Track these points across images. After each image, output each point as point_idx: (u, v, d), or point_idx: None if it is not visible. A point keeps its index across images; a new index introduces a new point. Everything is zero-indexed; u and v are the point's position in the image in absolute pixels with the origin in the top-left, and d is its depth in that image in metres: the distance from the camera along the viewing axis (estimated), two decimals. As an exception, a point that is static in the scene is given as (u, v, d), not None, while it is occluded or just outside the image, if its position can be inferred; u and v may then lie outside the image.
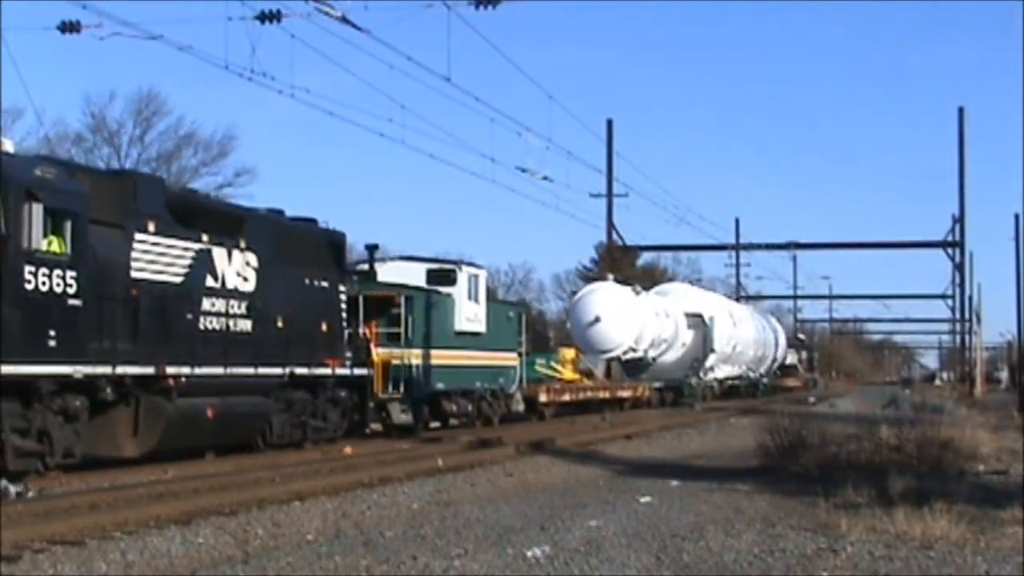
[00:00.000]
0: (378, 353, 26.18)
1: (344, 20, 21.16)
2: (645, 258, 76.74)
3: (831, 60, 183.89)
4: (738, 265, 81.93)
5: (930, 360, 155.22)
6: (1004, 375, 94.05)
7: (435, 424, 29.61)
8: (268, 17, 21.65)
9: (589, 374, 43.97)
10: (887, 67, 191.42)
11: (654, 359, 47.11)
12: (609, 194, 58.85)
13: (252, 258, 20.60)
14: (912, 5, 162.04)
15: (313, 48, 29.13)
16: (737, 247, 73.34)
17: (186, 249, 18.95)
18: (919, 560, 10.81)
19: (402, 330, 26.95)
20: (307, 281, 22.54)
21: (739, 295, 79.81)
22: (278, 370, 21.17)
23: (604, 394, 41.64)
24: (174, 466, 18.36)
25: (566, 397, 37.87)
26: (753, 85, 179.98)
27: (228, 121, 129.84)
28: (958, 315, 69.40)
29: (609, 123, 59.21)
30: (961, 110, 62.65)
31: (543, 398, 35.46)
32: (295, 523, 12.99)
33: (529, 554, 10.94)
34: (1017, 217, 58.77)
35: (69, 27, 22.07)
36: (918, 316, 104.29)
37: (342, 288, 23.98)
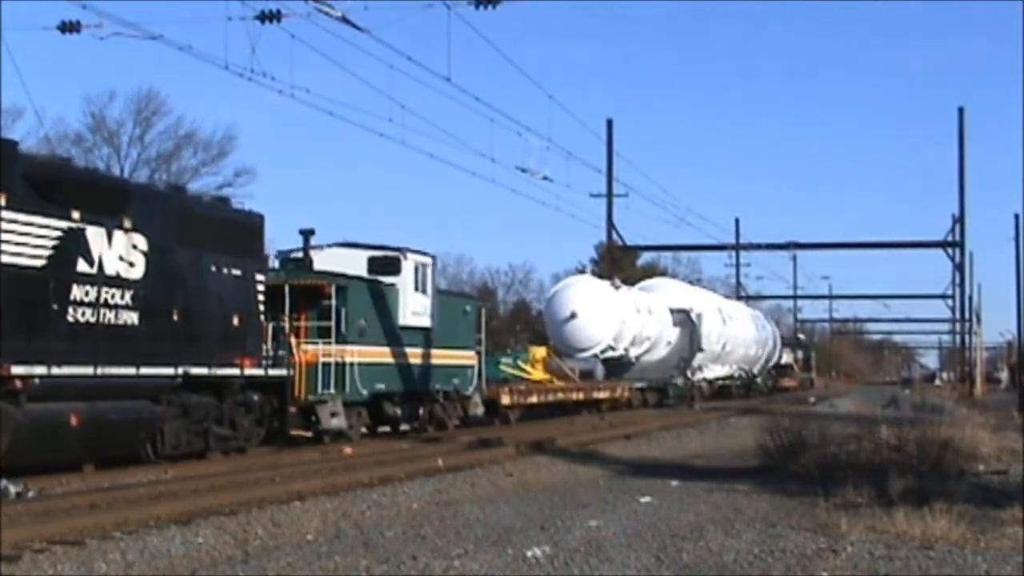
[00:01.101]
0: (304, 350, 23.57)
1: (344, 20, 21.14)
2: (645, 258, 77.03)
3: (831, 60, 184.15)
4: (738, 265, 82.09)
5: (930, 360, 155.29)
6: (1004, 375, 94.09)
7: (384, 429, 27.31)
8: (268, 17, 21.62)
9: (560, 374, 40.89)
10: (887, 67, 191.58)
11: (636, 358, 44.89)
12: (609, 194, 58.75)
13: (140, 240, 17.94)
14: (912, 5, 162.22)
15: (313, 48, 29.03)
16: (737, 247, 73.20)
17: (50, 228, 16.30)
18: (919, 560, 10.82)
19: (333, 324, 24.17)
20: (213, 268, 19.84)
21: (739, 295, 79.82)
22: (168, 370, 18.42)
23: (577, 395, 38.80)
24: (174, 466, 18.37)
25: (533, 399, 34.89)
26: (753, 85, 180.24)
27: (228, 121, 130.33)
28: (958, 315, 69.34)
29: (609, 123, 59.12)
30: (961, 110, 62.53)
31: (506, 400, 32.67)
32: (295, 523, 13.00)
33: (529, 554, 10.94)
34: (1017, 217, 58.84)
35: (69, 27, 22.04)
36: (918, 316, 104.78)
37: (259, 277, 21.30)
